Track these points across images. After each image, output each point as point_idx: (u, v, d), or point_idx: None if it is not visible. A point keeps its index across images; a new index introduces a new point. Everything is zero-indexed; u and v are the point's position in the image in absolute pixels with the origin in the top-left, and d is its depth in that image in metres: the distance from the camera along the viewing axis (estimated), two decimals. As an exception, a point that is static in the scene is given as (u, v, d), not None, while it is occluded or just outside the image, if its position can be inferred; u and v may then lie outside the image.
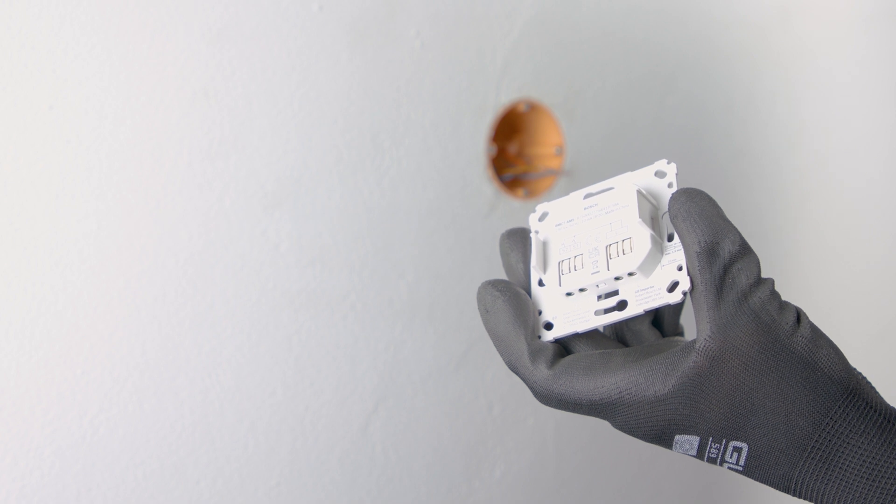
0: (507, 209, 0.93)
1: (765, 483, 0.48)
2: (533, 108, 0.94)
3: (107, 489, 0.75)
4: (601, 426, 1.01)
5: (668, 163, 0.55)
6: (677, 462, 1.07)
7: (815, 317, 1.00)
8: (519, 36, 0.92)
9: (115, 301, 0.75)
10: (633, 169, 0.68)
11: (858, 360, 0.86)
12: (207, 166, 0.78)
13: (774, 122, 1.15)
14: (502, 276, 0.94)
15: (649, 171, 0.55)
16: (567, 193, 0.87)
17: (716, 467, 1.11)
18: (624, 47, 1.00)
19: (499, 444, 0.93)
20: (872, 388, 0.49)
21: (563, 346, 0.53)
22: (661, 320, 0.56)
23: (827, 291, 1.28)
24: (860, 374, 0.49)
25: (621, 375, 0.49)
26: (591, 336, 0.53)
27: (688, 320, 0.77)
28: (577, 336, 0.53)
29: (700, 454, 0.49)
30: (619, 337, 0.56)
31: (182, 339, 0.78)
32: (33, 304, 0.72)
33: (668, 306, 0.53)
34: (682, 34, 1.06)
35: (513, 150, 0.96)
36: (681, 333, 0.56)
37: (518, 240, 0.55)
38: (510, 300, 0.52)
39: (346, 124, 0.84)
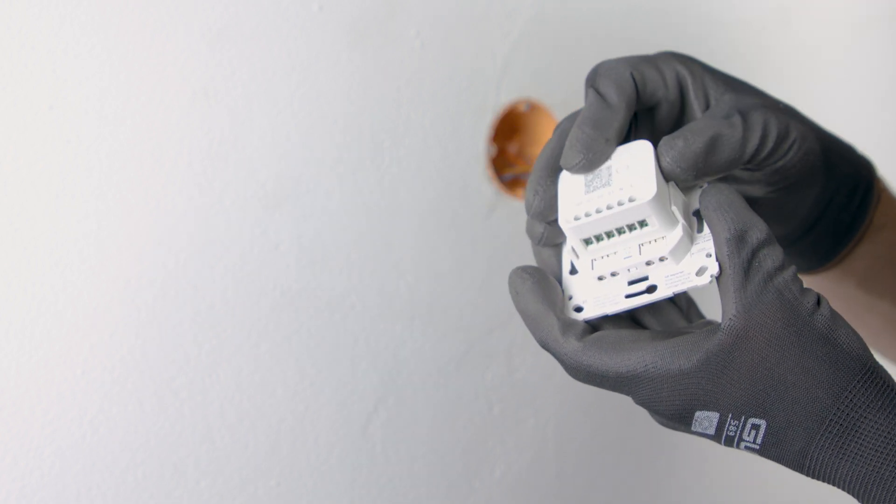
0: (507, 209, 0.93)
1: (779, 462, 0.50)
2: (533, 108, 0.94)
3: (107, 489, 0.76)
4: (601, 427, 1.01)
5: None
6: (677, 462, 1.07)
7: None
8: (519, 36, 0.92)
9: (115, 301, 0.75)
10: None
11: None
12: (207, 166, 0.78)
13: (774, 122, 1.15)
14: (504, 275, 0.94)
15: None
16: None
17: (718, 467, 1.10)
18: (624, 47, 1.00)
19: (499, 444, 0.93)
20: (888, 373, 0.51)
21: (593, 328, 0.55)
22: (676, 298, 0.58)
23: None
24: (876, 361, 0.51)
25: (648, 349, 0.50)
26: (621, 322, 0.55)
27: (712, 310, 0.77)
28: (606, 320, 0.54)
29: (718, 433, 0.51)
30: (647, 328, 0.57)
31: (182, 339, 0.78)
32: (33, 304, 0.72)
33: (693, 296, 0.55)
34: (681, 34, 1.06)
35: (513, 150, 0.96)
36: (697, 312, 0.58)
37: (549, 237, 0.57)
38: (539, 281, 0.54)
39: (346, 124, 0.84)
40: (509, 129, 0.96)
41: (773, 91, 0.67)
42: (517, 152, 0.96)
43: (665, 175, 0.53)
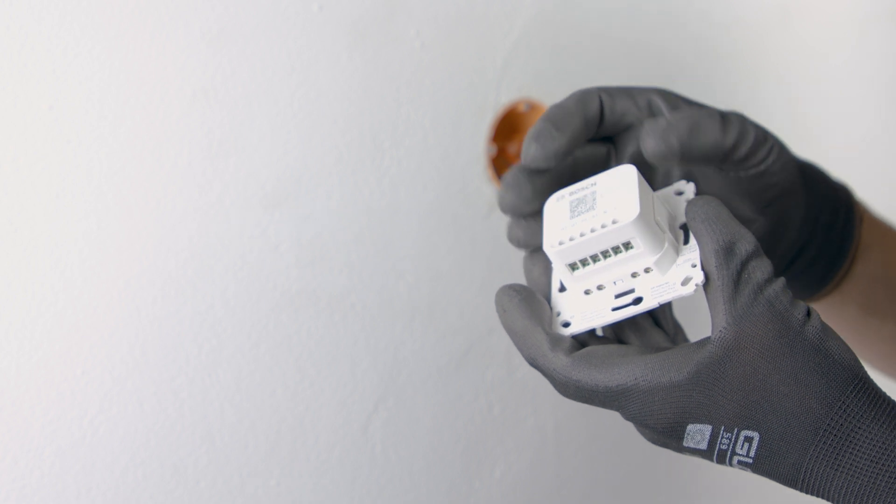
0: (507, 209, 0.93)
1: (772, 478, 0.50)
2: (533, 108, 0.94)
3: (107, 489, 0.76)
4: (601, 426, 1.01)
5: (688, 182, 0.57)
6: (677, 462, 1.07)
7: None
8: (519, 36, 0.92)
9: (115, 301, 0.75)
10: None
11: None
12: (207, 166, 0.78)
13: (774, 122, 1.15)
14: (503, 276, 0.94)
15: (669, 190, 0.57)
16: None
17: (717, 466, 1.10)
18: (624, 47, 1.01)
19: (499, 444, 0.93)
20: (877, 385, 0.51)
21: (581, 344, 0.55)
22: (664, 324, 0.58)
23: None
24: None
25: (638, 363, 0.50)
26: (609, 341, 0.55)
27: (694, 318, 0.77)
28: (593, 338, 0.54)
29: (711, 447, 0.50)
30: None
31: (182, 339, 0.78)
32: (33, 304, 0.72)
33: (665, 309, 0.55)
34: (681, 34, 1.06)
35: (513, 150, 0.96)
36: (684, 337, 0.58)
37: (540, 256, 0.57)
38: (526, 298, 0.54)
39: (346, 124, 0.84)
40: (509, 129, 0.96)
41: (774, 91, 0.67)
42: (517, 152, 0.96)
43: (648, 156, 0.54)
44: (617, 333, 0.56)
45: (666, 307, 0.57)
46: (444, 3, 0.88)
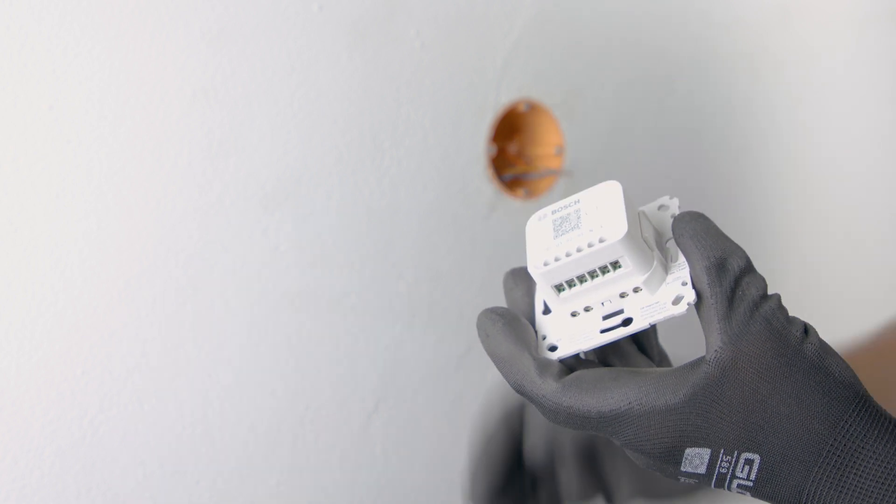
0: (507, 209, 0.93)
1: (773, 501, 0.48)
2: (533, 108, 0.94)
3: (107, 489, 0.76)
4: (601, 426, 1.01)
5: (671, 198, 0.55)
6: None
7: (815, 319, 0.99)
8: (519, 36, 0.92)
9: (115, 301, 0.75)
10: (632, 171, 0.68)
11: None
12: (207, 166, 0.78)
13: (774, 122, 1.15)
14: (502, 279, 0.94)
15: (653, 206, 0.56)
16: (567, 194, 0.87)
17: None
18: (624, 47, 1.01)
19: (499, 444, 0.93)
20: (875, 401, 0.49)
21: (569, 369, 0.53)
22: (649, 351, 0.56)
23: (826, 293, 1.28)
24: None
25: (631, 386, 0.48)
26: (597, 366, 0.53)
27: (683, 337, 0.77)
28: (580, 362, 0.52)
29: (710, 471, 0.48)
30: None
31: (182, 339, 0.78)
32: (33, 304, 0.72)
33: (650, 334, 0.54)
34: (681, 35, 1.06)
35: (513, 150, 0.96)
36: (668, 362, 0.57)
37: (522, 276, 0.55)
38: (510, 322, 0.52)
39: (346, 124, 0.84)
40: (509, 129, 0.96)
41: (774, 91, 0.67)
42: (517, 152, 0.96)
43: None
44: (601, 361, 0.54)
45: (651, 333, 0.55)
46: (444, 3, 0.88)
